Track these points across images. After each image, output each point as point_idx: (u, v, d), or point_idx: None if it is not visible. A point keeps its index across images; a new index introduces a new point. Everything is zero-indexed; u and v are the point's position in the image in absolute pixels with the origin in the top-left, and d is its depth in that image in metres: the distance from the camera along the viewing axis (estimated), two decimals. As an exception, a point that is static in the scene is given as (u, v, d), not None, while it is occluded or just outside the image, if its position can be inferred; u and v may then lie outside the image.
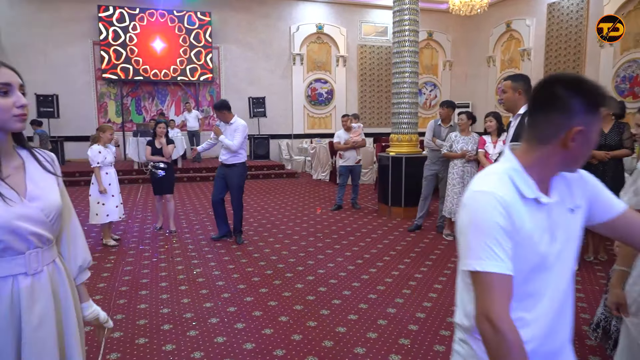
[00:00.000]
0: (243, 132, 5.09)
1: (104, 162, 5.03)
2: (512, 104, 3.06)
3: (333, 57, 14.08)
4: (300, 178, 11.25)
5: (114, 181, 5.14)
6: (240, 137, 5.05)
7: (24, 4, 11.58)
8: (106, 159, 5.04)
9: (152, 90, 12.82)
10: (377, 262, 4.53)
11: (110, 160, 5.12)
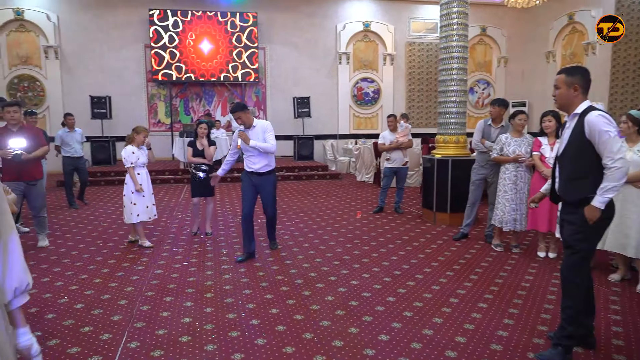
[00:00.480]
0: (272, 131, 4.62)
1: (137, 163, 5.04)
2: (566, 102, 2.65)
3: (380, 56, 13.71)
4: (344, 180, 10.98)
5: (145, 182, 5.12)
6: (273, 136, 4.60)
7: (83, 11, 12.09)
8: (139, 159, 5.06)
9: (200, 91, 13.01)
10: (416, 274, 4.18)
11: (143, 162, 5.12)
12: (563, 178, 2.69)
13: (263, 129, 4.57)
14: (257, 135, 4.54)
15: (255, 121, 4.62)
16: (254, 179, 4.62)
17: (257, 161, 4.57)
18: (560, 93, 2.65)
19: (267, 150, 4.51)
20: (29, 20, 11.81)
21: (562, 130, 2.77)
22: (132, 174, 5.02)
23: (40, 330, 3.03)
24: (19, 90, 12.03)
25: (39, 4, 11.86)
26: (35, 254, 4.84)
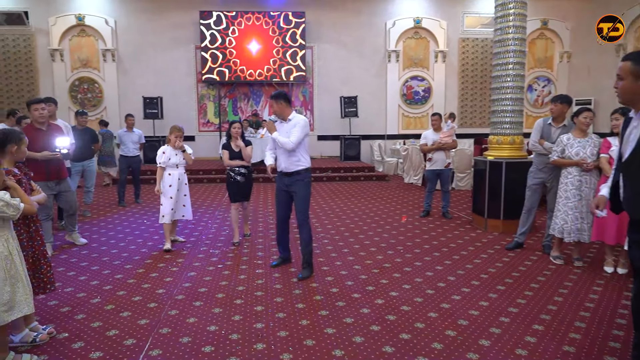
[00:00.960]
0: (303, 129, 4.01)
1: (168, 163, 4.91)
2: (632, 96, 2.17)
3: (431, 53, 13.18)
4: (391, 181, 10.61)
5: (175, 183, 4.93)
6: (299, 132, 3.98)
7: (137, 14, 12.51)
8: (170, 160, 4.92)
9: (248, 91, 13.09)
10: (462, 288, 3.82)
11: (174, 162, 4.95)
12: (630, 190, 2.20)
13: (294, 124, 4.07)
14: (288, 130, 4.07)
15: (293, 115, 4.13)
16: (284, 179, 4.17)
17: (283, 159, 4.11)
18: (624, 85, 2.17)
19: (283, 145, 3.99)
20: (89, 25, 12.36)
21: (624, 130, 2.25)
22: (158, 173, 4.93)
23: (67, 332, 3.00)
24: (80, 92, 12.63)
25: (99, 9, 12.38)
26: (78, 250, 4.93)
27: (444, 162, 6.55)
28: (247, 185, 5.23)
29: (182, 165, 5.04)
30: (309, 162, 4.19)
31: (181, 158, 4.99)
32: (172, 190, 4.92)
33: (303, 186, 4.12)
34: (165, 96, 12.34)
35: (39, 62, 12.46)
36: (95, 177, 7.01)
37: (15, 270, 2.44)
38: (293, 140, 3.98)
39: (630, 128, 2.21)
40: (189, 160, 5.06)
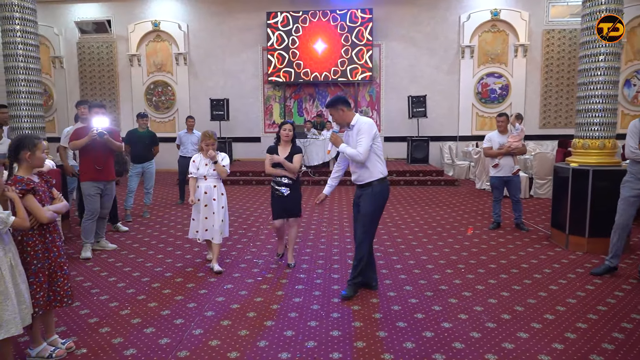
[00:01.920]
0: (369, 134, 3.50)
1: (197, 174, 4.33)
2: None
3: (510, 47, 12.10)
4: (461, 187, 9.83)
5: (202, 198, 4.28)
6: (366, 139, 3.48)
7: (208, 17, 12.80)
8: (198, 170, 4.32)
9: (313, 92, 12.89)
10: (532, 322, 3.20)
11: (202, 173, 4.30)
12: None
13: (358, 130, 3.57)
14: (353, 138, 3.60)
15: (356, 119, 3.62)
16: (356, 191, 3.78)
17: (354, 169, 3.69)
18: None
19: (353, 158, 3.53)
20: (164, 30, 12.87)
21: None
22: (190, 184, 4.40)
23: (87, 347, 2.86)
24: (154, 95, 13.19)
25: (173, 15, 12.85)
26: (126, 254, 4.92)
27: (511, 168, 5.82)
28: (294, 198, 4.37)
29: (212, 178, 4.33)
30: (384, 171, 3.66)
31: (211, 169, 4.31)
32: (198, 205, 4.32)
33: (370, 199, 3.60)
34: (232, 98, 12.51)
35: (119, 67, 13.20)
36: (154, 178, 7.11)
37: (5, 287, 2.30)
38: (361, 150, 3.49)
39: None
40: (221, 173, 4.34)
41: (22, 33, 5.35)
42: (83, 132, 4.68)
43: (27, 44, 5.42)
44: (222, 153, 4.42)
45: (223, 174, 4.36)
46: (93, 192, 4.70)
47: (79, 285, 3.98)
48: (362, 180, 3.64)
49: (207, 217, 4.30)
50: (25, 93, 5.45)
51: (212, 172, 4.32)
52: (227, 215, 4.53)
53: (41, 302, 2.58)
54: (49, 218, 2.59)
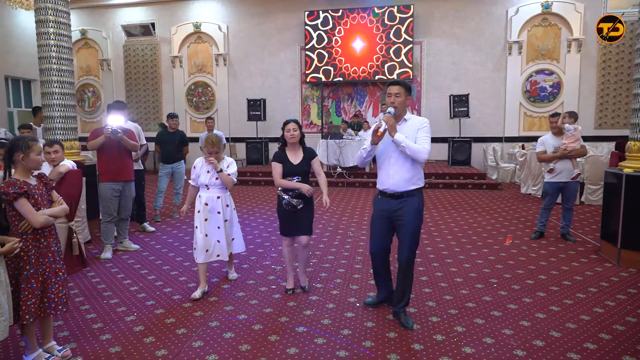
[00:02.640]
0: (429, 131, 3.11)
1: (197, 182, 3.78)
2: None
3: (563, 42, 11.29)
4: (504, 190, 9.24)
5: (203, 210, 3.69)
6: (429, 138, 3.07)
7: (248, 19, 12.84)
8: (199, 177, 3.75)
9: (352, 91, 12.62)
10: (569, 352, 2.81)
11: (203, 182, 3.72)
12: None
13: (418, 126, 3.08)
14: (408, 134, 3.05)
15: (409, 115, 3.17)
16: (389, 202, 3.14)
17: (395, 173, 3.07)
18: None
19: (417, 154, 2.97)
20: (204, 32, 13.04)
21: None
22: (189, 192, 3.88)
23: (83, 355, 2.78)
24: (195, 96, 13.40)
25: (213, 16, 12.99)
26: (147, 255, 4.89)
27: (570, 172, 5.28)
28: (305, 213, 3.63)
29: (216, 188, 3.74)
30: (423, 180, 3.23)
31: (214, 178, 3.71)
32: (199, 219, 3.72)
33: (415, 213, 3.09)
34: (270, 98, 12.49)
35: (162, 68, 13.52)
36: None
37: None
38: (427, 147, 3.01)
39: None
40: (227, 183, 3.75)
41: (56, 36, 5.46)
42: (100, 132, 4.69)
43: (60, 47, 5.52)
44: (228, 158, 3.89)
45: (229, 184, 3.77)
46: (110, 195, 4.70)
47: (94, 287, 3.95)
48: (402, 188, 3.07)
49: (207, 233, 3.71)
50: (58, 95, 5.56)
51: (216, 182, 3.72)
52: (238, 230, 3.99)
53: (32, 309, 2.50)
54: (42, 222, 2.52)
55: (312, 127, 12.84)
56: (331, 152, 10.20)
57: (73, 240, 4.10)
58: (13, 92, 12.71)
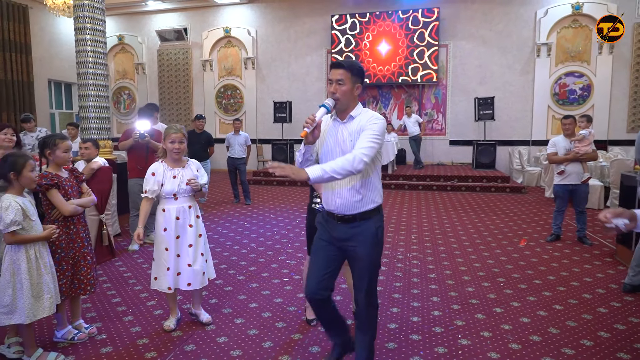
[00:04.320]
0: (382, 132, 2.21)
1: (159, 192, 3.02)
2: None
3: (594, 44, 11.05)
4: (528, 194, 9.15)
5: (172, 226, 2.98)
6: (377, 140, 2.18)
7: (276, 23, 13.17)
8: (164, 187, 3.00)
9: (377, 94, 12.74)
10: (563, 348, 2.88)
11: (170, 190, 2.99)
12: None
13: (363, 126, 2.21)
14: (348, 136, 2.24)
15: (360, 110, 2.30)
16: (337, 227, 2.32)
17: (343, 190, 2.26)
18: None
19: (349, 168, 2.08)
20: (234, 36, 13.45)
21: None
22: (142, 209, 3.05)
23: (107, 334, 3.06)
24: (224, 98, 13.83)
25: (243, 21, 13.39)
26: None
27: (580, 175, 5.29)
28: None
29: (186, 195, 3.04)
30: (382, 196, 2.36)
31: (183, 183, 3.02)
32: (169, 238, 2.99)
33: (373, 242, 2.30)
34: (296, 100, 12.76)
35: (193, 72, 14.02)
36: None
37: (20, 278, 2.52)
38: (365, 152, 2.10)
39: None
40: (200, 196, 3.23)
41: (92, 42, 5.87)
42: (130, 133, 5.05)
43: (96, 52, 5.93)
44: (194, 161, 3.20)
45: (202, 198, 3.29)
46: (137, 190, 5.02)
47: (120, 274, 4.27)
48: (353, 210, 2.25)
49: (180, 254, 3.02)
50: (94, 97, 5.96)
51: (185, 188, 3.02)
52: (208, 248, 3.20)
53: (63, 289, 2.81)
54: (70, 211, 2.81)
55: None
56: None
57: (103, 232, 4.46)
58: (55, 94, 13.48)
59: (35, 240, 2.59)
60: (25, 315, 2.54)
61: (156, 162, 3.09)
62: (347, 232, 2.29)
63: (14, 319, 2.54)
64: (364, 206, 2.27)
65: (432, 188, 9.76)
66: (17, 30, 11.56)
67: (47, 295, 2.62)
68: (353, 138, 2.22)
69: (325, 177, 2.04)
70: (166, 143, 3.03)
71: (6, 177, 2.57)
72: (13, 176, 2.56)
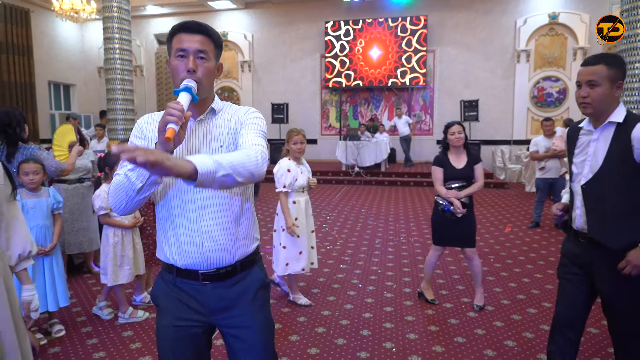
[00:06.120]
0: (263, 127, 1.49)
1: (293, 186, 3.41)
2: (606, 107, 1.90)
3: (569, 50, 11.99)
4: (510, 189, 9.99)
5: (302, 215, 3.45)
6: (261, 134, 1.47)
7: (271, 27, 13.80)
8: (297, 181, 3.40)
9: (368, 96, 13.48)
10: (542, 325, 3.61)
11: (301, 184, 3.43)
12: (598, 213, 1.91)
13: (241, 120, 1.48)
14: (222, 136, 1.46)
15: (221, 102, 1.54)
16: (205, 295, 1.45)
17: (214, 226, 1.41)
18: (601, 93, 1.85)
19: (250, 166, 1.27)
20: (231, 40, 14.02)
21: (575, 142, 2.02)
22: (284, 202, 3.38)
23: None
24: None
25: (239, 26, 13.98)
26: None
27: (558, 170, 6.08)
28: (467, 222, 3.38)
29: (307, 189, 3.55)
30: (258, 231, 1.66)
31: (305, 177, 3.49)
32: (301, 226, 3.43)
33: (264, 307, 1.56)
34: (291, 102, 13.40)
35: (191, 74, 14.50)
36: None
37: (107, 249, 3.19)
38: (262, 147, 1.40)
39: (584, 141, 1.99)
40: (313, 184, 3.56)
41: (120, 51, 6.43)
42: None
43: (123, 60, 6.50)
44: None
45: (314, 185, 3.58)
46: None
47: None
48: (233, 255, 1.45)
49: (309, 239, 3.60)
50: (121, 100, 6.53)
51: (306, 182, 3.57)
52: None
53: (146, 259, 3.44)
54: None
55: (331, 130, 13.72)
56: (350, 153, 11.04)
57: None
58: (54, 96, 13.83)
59: (121, 226, 3.21)
60: (111, 278, 3.16)
61: (286, 160, 3.43)
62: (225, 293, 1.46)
63: (103, 280, 3.18)
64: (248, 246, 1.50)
65: (423, 184, 10.52)
66: (20, 34, 11.92)
67: (127, 266, 3.23)
68: (226, 142, 1.44)
69: (219, 176, 1.17)
70: (290, 144, 3.42)
71: (104, 171, 3.22)
72: (107, 170, 3.21)
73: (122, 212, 1.33)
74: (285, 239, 3.44)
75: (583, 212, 1.96)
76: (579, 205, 1.99)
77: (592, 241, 1.93)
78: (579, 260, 2.01)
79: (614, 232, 1.88)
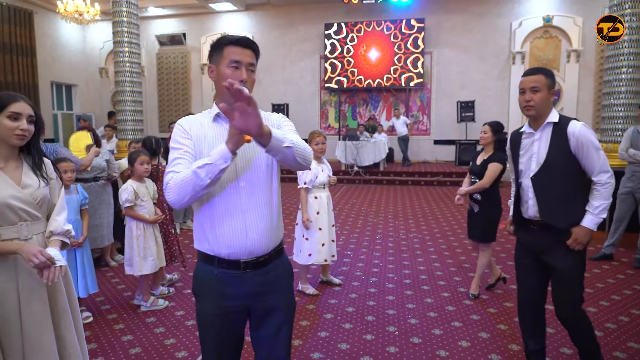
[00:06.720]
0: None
1: (314, 182, 3.67)
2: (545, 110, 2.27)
3: (563, 53, 12.29)
4: (504, 188, 10.24)
5: (325, 210, 3.70)
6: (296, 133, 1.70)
7: (272, 29, 14.04)
8: (317, 177, 3.67)
9: (367, 97, 13.74)
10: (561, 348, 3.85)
11: (322, 181, 3.70)
12: (547, 200, 2.28)
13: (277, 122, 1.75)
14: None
15: None
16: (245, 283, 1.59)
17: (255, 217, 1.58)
18: (542, 98, 2.21)
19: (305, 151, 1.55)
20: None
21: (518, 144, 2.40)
22: (303, 197, 3.65)
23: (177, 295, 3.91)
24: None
25: (239, 27, 14.15)
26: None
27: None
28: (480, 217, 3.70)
29: (328, 186, 3.82)
30: None
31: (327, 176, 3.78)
32: (322, 219, 3.67)
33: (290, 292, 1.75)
34: (291, 103, 13.64)
35: (192, 75, 14.75)
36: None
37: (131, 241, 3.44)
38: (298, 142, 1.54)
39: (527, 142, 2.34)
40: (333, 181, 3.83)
41: (130, 54, 6.66)
42: None
43: (132, 63, 6.73)
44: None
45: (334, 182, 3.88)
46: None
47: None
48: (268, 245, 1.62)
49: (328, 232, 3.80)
50: (130, 102, 6.76)
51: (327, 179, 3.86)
52: None
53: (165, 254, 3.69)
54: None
55: (330, 130, 13.97)
56: (349, 152, 11.30)
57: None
58: (57, 96, 14.01)
59: (143, 220, 3.45)
60: (137, 269, 3.41)
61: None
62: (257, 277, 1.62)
63: (128, 271, 3.42)
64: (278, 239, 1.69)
65: (421, 183, 10.81)
66: (23, 34, 12.08)
67: (151, 257, 3.48)
68: None
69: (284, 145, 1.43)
70: (312, 144, 3.61)
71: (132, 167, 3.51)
72: (130, 166, 3.43)
73: (182, 205, 1.49)
74: (309, 231, 3.68)
75: (534, 202, 2.30)
76: (530, 197, 2.33)
77: (543, 225, 2.29)
78: (532, 246, 2.38)
79: (561, 214, 2.25)
